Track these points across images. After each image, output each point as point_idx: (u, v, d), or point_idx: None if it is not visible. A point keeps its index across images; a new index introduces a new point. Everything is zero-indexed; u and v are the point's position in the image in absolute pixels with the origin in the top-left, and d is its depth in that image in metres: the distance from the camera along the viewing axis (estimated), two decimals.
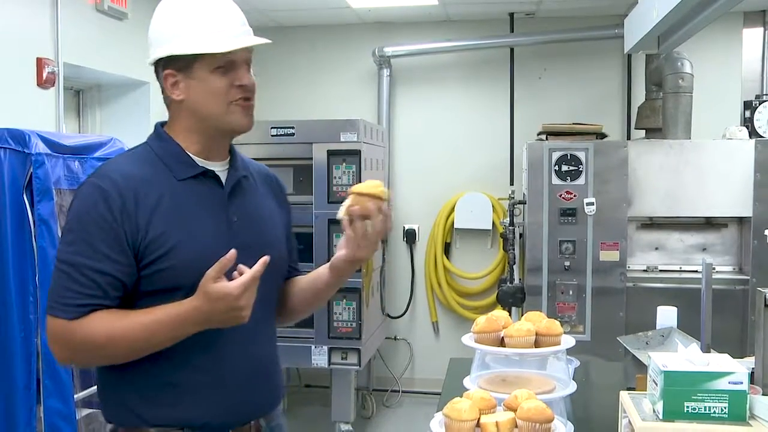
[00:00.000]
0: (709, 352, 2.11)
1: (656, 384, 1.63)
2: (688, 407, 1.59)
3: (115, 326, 1.61)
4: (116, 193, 1.64)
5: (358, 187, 1.76)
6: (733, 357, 1.76)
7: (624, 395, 1.79)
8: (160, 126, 1.81)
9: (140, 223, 1.64)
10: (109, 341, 1.61)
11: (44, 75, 3.67)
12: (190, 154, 1.76)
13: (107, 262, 1.62)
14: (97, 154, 3.28)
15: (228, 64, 1.71)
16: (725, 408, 1.58)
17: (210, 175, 1.77)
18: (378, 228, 1.77)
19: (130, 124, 4.67)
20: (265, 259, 1.60)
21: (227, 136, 1.80)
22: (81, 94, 4.68)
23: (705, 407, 1.58)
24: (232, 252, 1.57)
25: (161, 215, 1.67)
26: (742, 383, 1.58)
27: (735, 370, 1.60)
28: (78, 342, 1.62)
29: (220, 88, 1.71)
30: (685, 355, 1.67)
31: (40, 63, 3.66)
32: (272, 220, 1.88)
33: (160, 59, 1.72)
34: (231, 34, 1.71)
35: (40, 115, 3.69)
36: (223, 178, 1.80)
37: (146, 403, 1.69)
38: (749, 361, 1.95)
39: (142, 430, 1.70)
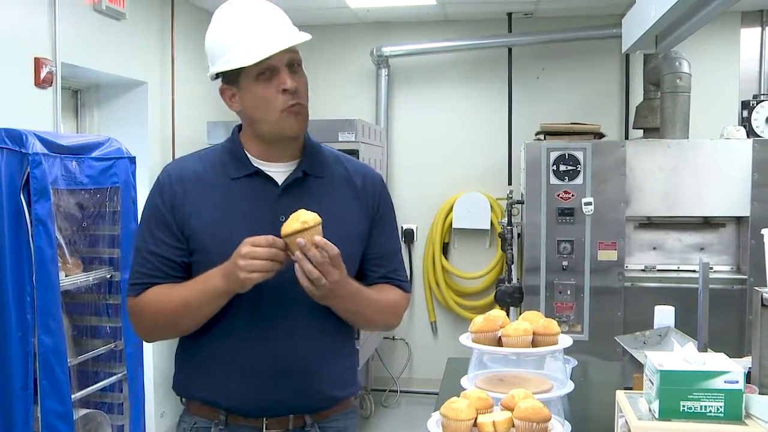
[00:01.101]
0: (706, 351, 2.12)
1: (652, 383, 1.63)
2: (684, 406, 1.59)
3: (163, 294, 1.81)
4: (169, 187, 1.85)
5: (284, 230, 1.66)
6: (731, 356, 1.76)
7: (620, 395, 1.79)
8: (237, 129, 1.92)
9: (186, 215, 1.82)
10: (158, 307, 1.81)
11: (42, 75, 3.67)
12: (250, 155, 1.87)
13: (161, 245, 1.82)
14: (94, 154, 3.27)
15: (268, 70, 1.76)
16: (721, 407, 1.58)
17: (263, 175, 1.84)
18: (318, 259, 1.64)
19: (128, 124, 4.66)
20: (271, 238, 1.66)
21: (285, 139, 1.84)
22: (79, 94, 4.68)
23: (701, 406, 1.58)
24: (274, 238, 1.66)
25: (204, 211, 1.82)
26: (738, 382, 1.58)
27: (731, 369, 1.60)
28: (140, 315, 1.86)
29: (267, 96, 1.77)
30: (681, 355, 1.67)
31: (37, 63, 3.65)
32: (338, 222, 1.79)
33: (218, 76, 1.83)
34: (265, 41, 1.74)
35: (38, 115, 3.69)
36: (282, 178, 1.85)
37: (190, 380, 1.89)
38: (747, 361, 1.96)
39: (192, 402, 1.90)
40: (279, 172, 1.86)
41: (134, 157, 3.48)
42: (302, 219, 1.65)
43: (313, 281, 1.66)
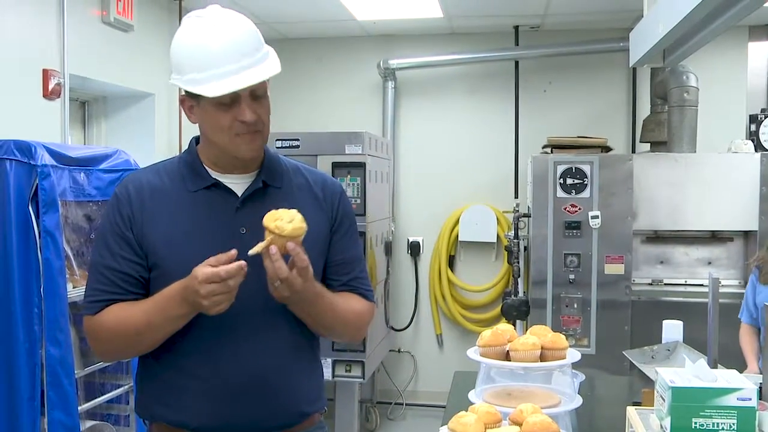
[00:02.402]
0: (716, 367, 2.11)
1: (664, 400, 1.62)
2: (696, 423, 1.57)
3: (123, 312, 1.75)
4: (126, 201, 1.80)
5: (264, 220, 1.66)
6: (740, 372, 1.75)
7: (631, 411, 1.79)
8: (195, 141, 1.89)
9: (144, 230, 1.78)
10: (118, 326, 1.75)
11: (50, 86, 3.69)
12: (207, 167, 1.83)
13: (120, 260, 1.77)
14: (102, 166, 3.28)
15: (230, 99, 1.70)
16: (734, 424, 1.56)
17: (222, 187, 1.81)
18: (282, 274, 1.63)
19: (135, 136, 4.68)
20: (242, 264, 1.62)
21: (240, 159, 1.81)
22: (86, 106, 4.70)
23: (713, 423, 1.57)
24: (233, 252, 1.63)
25: (163, 226, 1.78)
26: (750, 399, 1.57)
27: (743, 386, 1.58)
28: (98, 334, 1.79)
29: (223, 124, 1.73)
30: (693, 371, 1.66)
31: (46, 74, 3.67)
32: None
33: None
34: (229, 73, 1.67)
35: (46, 127, 3.70)
36: (241, 189, 1.82)
37: (153, 401, 1.83)
38: (756, 377, 1.94)
39: (156, 424, 1.84)
40: (238, 183, 1.83)
41: None
42: (276, 223, 1.63)
43: (272, 282, 1.66)
